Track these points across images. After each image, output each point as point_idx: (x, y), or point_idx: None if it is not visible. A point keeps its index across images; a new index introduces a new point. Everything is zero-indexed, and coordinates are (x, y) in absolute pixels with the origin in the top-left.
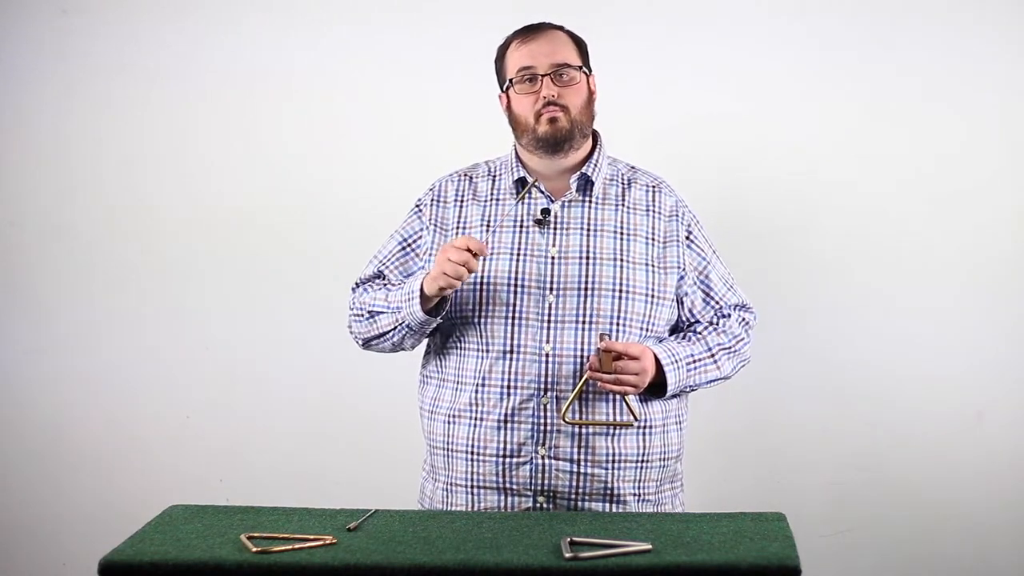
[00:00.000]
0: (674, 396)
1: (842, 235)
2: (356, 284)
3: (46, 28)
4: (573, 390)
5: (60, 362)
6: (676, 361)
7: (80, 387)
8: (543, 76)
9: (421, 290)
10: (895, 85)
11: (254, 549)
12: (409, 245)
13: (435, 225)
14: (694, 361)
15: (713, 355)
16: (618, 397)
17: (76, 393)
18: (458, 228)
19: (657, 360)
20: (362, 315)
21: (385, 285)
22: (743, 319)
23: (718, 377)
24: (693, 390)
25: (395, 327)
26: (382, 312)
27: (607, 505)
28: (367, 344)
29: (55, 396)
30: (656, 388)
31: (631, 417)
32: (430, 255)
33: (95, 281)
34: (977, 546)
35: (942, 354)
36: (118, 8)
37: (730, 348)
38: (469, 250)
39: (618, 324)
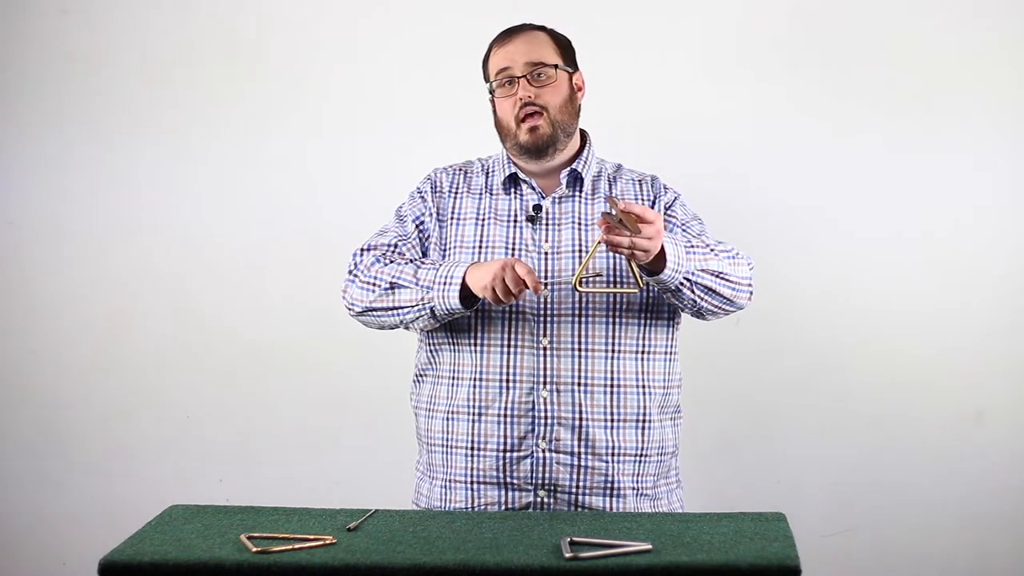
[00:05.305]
0: (672, 288)
1: (841, 234)
2: (364, 249)
3: (46, 28)
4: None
5: (60, 362)
6: (673, 240)
7: (80, 387)
8: (520, 78)
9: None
10: (895, 83)
11: (254, 549)
12: (421, 225)
13: (436, 213)
14: (691, 247)
15: (711, 249)
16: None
17: (76, 393)
18: (453, 218)
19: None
20: (375, 284)
21: (410, 261)
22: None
23: (718, 271)
24: (693, 284)
25: (416, 305)
26: (406, 287)
27: (607, 499)
28: (365, 313)
29: (55, 396)
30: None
31: (636, 284)
32: (436, 241)
33: (95, 281)
34: (977, 546)
35: (942, 354)
36: (118, 8)
37: (728, 252)
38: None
39: (614, 315)
